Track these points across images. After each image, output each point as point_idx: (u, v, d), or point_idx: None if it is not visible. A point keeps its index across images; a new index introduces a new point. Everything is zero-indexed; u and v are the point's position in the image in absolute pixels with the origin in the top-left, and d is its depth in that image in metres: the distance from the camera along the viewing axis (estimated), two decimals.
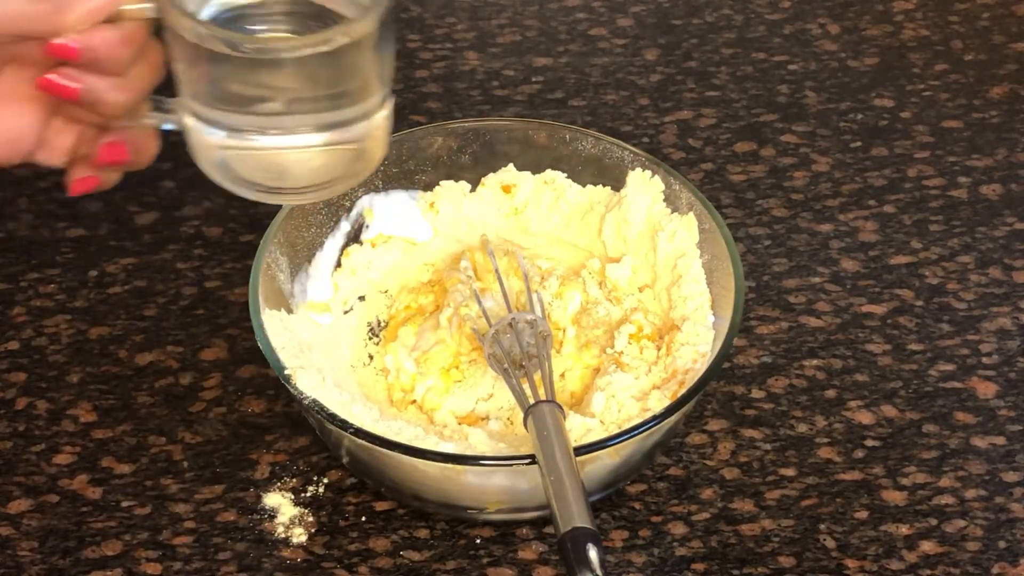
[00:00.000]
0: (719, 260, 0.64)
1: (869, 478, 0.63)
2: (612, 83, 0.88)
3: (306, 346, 0.62)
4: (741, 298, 0.61)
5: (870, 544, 0.60)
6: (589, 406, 0.61)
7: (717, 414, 0.66)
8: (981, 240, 0.76)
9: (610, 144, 0.70)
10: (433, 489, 0.58)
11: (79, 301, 0.72)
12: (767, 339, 0.70)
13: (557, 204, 0.71)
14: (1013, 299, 0.73)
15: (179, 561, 0.59)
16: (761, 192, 0.79)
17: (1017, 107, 0.87)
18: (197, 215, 0.77)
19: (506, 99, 0.86)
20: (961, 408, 0.67)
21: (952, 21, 0.95)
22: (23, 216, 0.77)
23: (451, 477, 0.57)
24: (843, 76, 0.89)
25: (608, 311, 0.66)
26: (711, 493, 0.62)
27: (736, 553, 0.60)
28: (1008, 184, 0.80)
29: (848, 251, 0.75)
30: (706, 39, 0.92)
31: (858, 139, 0.84)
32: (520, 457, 0.56)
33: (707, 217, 0.65)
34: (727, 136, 0.84)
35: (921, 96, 0.87)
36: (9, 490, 0.62)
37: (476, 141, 0.71)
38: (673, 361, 0.62)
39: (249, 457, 0.64)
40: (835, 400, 0.67)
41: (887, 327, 0.71)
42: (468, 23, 0.93)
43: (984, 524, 0.61)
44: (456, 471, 0.56)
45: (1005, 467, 0.64)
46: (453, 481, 0.57)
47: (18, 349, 0.69)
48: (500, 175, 0.71)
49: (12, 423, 0.66)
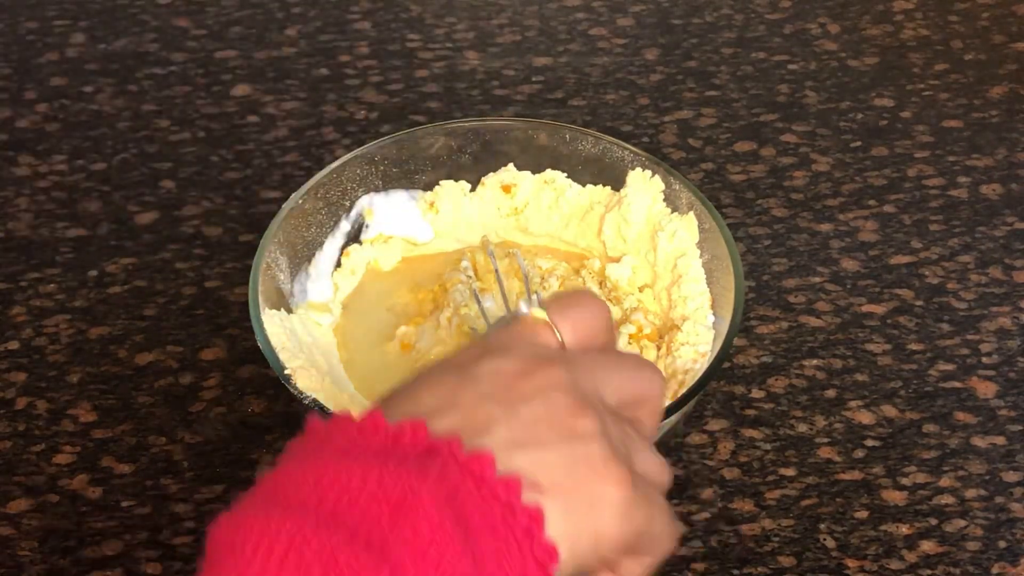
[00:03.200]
0: (719, 260, 0.64)
1: (869, 478, 0.63)
2: (612, 83, 0.88)
3: (306, 346, 0.62)
4: (741, 298, 0.61)
5: (870, 544, 0.60)
6: None
7: (717, 414, 0.66)
8: (981, 240, 0.76)
9: (610, 144, 0.70)
10: None
11: (79, 301, 0.72)
12: (767, 339, 0.70)
13: (557, 204, 0.71)
14: (1013, 299, 0.73)
15: (179, 561, 0.59)
16: (761, 192, 0.79)
17: (1017, 107, 0.87)
18: (197, 215, 0.77)
19: (506, 99, 0.86)
20: (961, 408, 0.67)
21: (952, 21, 0.94)
22: (23, 216, 0.77)
23: None
24: (843, 76, 0.89)
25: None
26: (711, 493, 0.62)
27: (736, 553, 0.60)
28: (1008, 184, 0.80)
29: (848, 251, 0.75)
30: (706, 39, 0.92)
31: (858, 139, 0.84)
32: None
33: (707, 217, 0.65)
34: (727, 136, 0.83)
35: (921, 96, 0.87)
36: (9, 490, 0.62)
37: (476, 141, 0.71)
38: (673, 361, 0.62)
39: (249, 457, 0.64)
40: (835, 400, 0.67)
41: (887, 327, 0.71)
42: (468, 23, 0.93)
43: (984, 524, 0.61)
44: None
45: (1005, 467, 0.64)
46: None
47: (18, 349, 0.69)
48: (500, 175, 0.71)
49: (12, 423, 0.66)
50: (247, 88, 0.86)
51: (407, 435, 0.39)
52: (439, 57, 0.90)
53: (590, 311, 0.47)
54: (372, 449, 0.39)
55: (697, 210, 0.66)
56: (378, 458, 0.38)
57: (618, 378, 0.46)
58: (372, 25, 0.92)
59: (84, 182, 0.79)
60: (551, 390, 0.42)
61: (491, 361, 0.43)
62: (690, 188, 0.66)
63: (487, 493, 0.38)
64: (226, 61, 0.89)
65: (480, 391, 0.42)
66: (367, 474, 0.37)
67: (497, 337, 0.46)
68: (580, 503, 0.41)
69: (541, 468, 0.40)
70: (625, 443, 0.44)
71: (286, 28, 0.92)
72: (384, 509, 0.37)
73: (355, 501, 0.37)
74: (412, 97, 0.86)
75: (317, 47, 0.90)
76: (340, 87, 0.87)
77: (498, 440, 0.40)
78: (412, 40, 0.91)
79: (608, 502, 0.41)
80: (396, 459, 0.38)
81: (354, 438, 0.39)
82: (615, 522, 0.42)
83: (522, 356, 0.44)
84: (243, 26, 0.92)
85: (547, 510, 0.39)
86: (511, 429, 0.41)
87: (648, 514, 0.43)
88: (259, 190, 0.79)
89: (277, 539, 0.35)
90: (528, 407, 0.42)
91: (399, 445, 0.39)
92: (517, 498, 0.39)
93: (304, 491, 0.37)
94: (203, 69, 0.88)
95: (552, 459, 0.41)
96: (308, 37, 0.91)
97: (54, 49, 0.90)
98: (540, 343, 0.46)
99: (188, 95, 0.86)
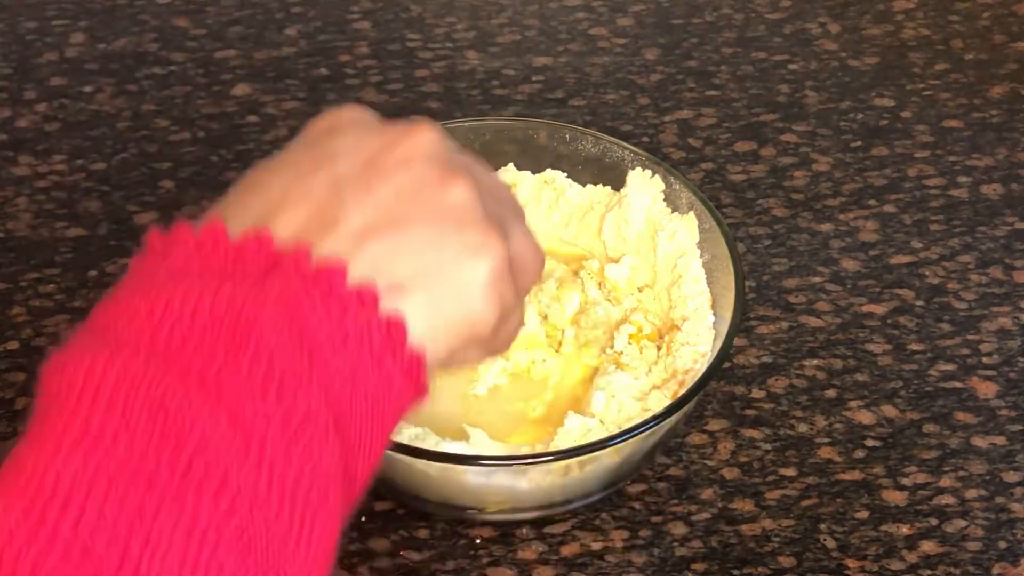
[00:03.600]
0: (719, 260, 0.64)
1: (869, 478, 0.63)
2: (612, 83, 0.88)
3: None
4: (741, 298, 0.61)
5: (870, 544, 0.60)
6: (589, 406, 0.61)
7: (717, 414, 0.66)
8: (981, 240, 0.76)
9: (610, 144, 0.70)
10: (433, 489, 0.58)
11: (79, 301, 0.72)
12: (767, 339, 0.70)
13: (557, 204, 0.71)
14: (1014, 299, 0.73)
15: None
16: (761, 192, 0.79)
17: (1018, 107, 0.86)
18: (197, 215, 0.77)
19: (506, 99, 0.86)
20: (961, 408, 0.67)
21: (952, 20, 0.94)
22: (23, 216, 0.77)
23: (451, 477, 0.57)
24: (843, 75, 0.89)
25: (607, 312, 0.66)
26: (711, 493, 0.62)
27: (736, 553, 0.60)
28: (1009, 184, 0.80)
29: (848, 251, 0.75)
30: (706, 38, 0.92)
31: (858, 139, 0.83)
32: (520, 457, 0.56)
33: (707, 217, 0.65)
34: (727, 136, 0.83)
35: (921, 96, 0.87)
36: None
37: (476, 141, 0.71)
38: (673, 361, 0.62)
39: None
40: (835, 400, 0.67)
41: (887, 327, 0.71)
42: (468, 23, 0.93)
43: (984, 524, 0.61)
44: (456, 471, 0.56)
45: (1005, 467, 0.64)
46: (453, 481, 0.57)
47: (18, 349, 0.69)
48: (500, 175, 0.71)
49: (12, 423, 0.66)
50: (247, 88, 0.86)
51: (251, 248, 0.36)
52: (439, 57, 0.90)
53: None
54: (212, 268, 0.36)
55: (697, 210, 0.66)
56: (216, 279, 0.35)
57: (487, 175, 0.43)
58: (372, 25, 0.92)
59: (84, 182, 0.79)
60: (417, 160, 0.39)
61: (344, 137, 0.40)
62: (690, 188, 0.66)
63: (336, 309, 0.35)
64: (226, 61, 0.89)
65: (335, 173, 0.38)
66: (200, 300, 0.34)
67: (351, 112, 0.42)
68: (447, 288, 0.38)
69: (401, 254, 0.37)
70: (501, 215, 0.41)
71: (286, 28, 0.92)
72: (219, 341, 0.34)
73: (188, 334, 0.34)
74: (412, 97, 0.86)
75: (317, 47, 0.90)
76: (340, 87, 0.87)
77: (352, 229, 0.37)
78: (412, 40, 0.91)
79: (478, 282, 0.39)
80: (236, 279, 0.35)
81: (192, 256, 0.36)
82: (485, 307, 0.39)
83: (380, 127, 0.41)
84: (243, 26, 0.92)
85: (410, 308, 0.37)
86: (365, 213, 0.38)
87: (515, 299, 0.41)
88: None
89: (103, 382, 0.33)
90: (387, 184, 0.38)
91: (242, 261, 0.36)
92: (374, 310, 0.36)
93: (137, 323, 0.34)
94: (203, 69, 0.88)
95: (414, 240, 0.38)
96: (308, 37, 0.91)
97: (54, 49, 0.90)
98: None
99: (188, 95, 0.86)
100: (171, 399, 0.33)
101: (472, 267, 0.39)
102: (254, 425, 0.33)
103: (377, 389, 0.36)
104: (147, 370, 0.33)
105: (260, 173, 0.40)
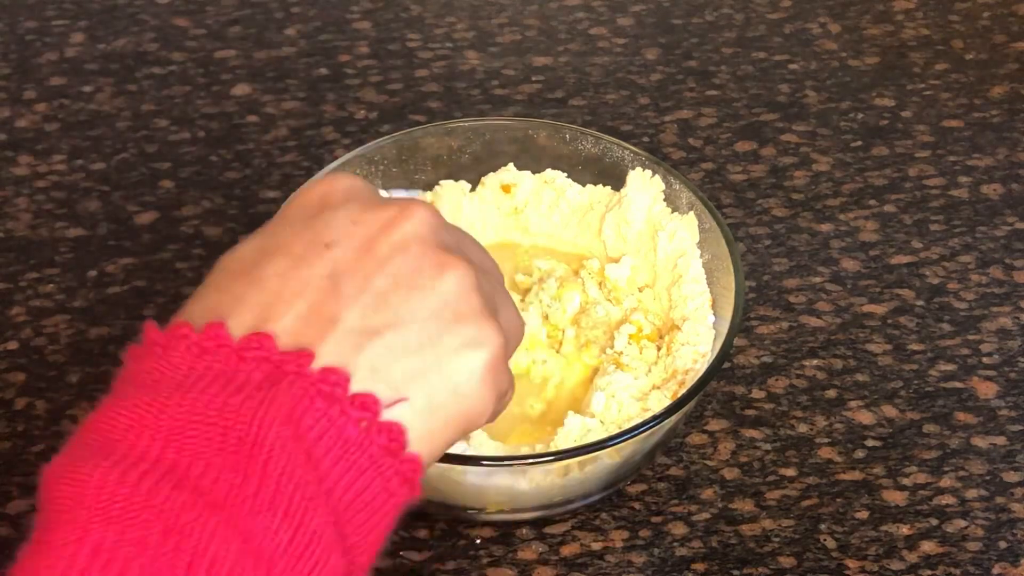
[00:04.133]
0: (719, 260, 0.64)
1: (869, 478, 0.63)
2: (612, 83, 0.88)
3: None
4: (741, 298, 0.61)
5: (870, 544, 0.60)
6: (589, 406, 0.61)
7: (717, 414, 0.66)
8: (982, 240, 0.76)
9: (610, 143, 0.70)
10: (433, 489, 0.58)
11: (78, 301, 0.72)
12: (767, 339, 0.70)
13: (557, 204, 0.71)
14: (1014, 299, 0.73)
15: None
16: (761, 192, 0.79)
17: (1018, 106, 0.86)
18: (196, 215, 0.77)
19: (506, 99, 0.86)
20: (962, 408, 0.67)
21: (953, 20, 0.94)
22: (23, 216, 0.77)
23: (451, 477, 0.57)
24: (843, 75, 0.89)
25: (607, 311, 0.66)
26: (711, 493, 0.62)
27: (736, 553, 0.60)
28: (1009, 184, 0.80)
29: (848, 251, 0.75)
30: (706, 38, 0.92)
31: (858, 139, 0.83)
32: (520, 457, 0.56)
33: (707, 217, 0.65)
34: (727, 136, 0.83)
35: (922, 95, 0.87)
36: (8, 490, 0.62)
37: (476, 141, 0.71)
38: (673, 361, 0.62)
39: None
40: (835, 400, 0.67)
41: (887, 327, 0.71)
42: (468, 23, 0.93)
43: (985, 524, 0.61)
44: (456, 471, 0.56)
45: (1006, 467, 0.64)
46: (453, 481, 0.57)
47: (17, 349, 0.69)
48: (500, 175, 0.71)
49: (12, 423, 0.66)
50: (247, 88, 0.86)
51: (253, 353, 0.36)
52: (439, 57, 0.90)
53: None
54: (215, 373, 0.36)
55: (697, 210, 0.66)
56: (222, 391, 0.35)
57: (471, 243, 0.43)
58: (372, 25, 0.92)
59: (83, 182, 0.79)
60: (412, 244, 0.39)
61: (337, 217, 0.39)
62: (690, 188, 0.66)
63: (339, 418, 0.36)
64: (226, 61, 0.89)
65: (333, 262, 0.38)
66: (208, 416, 0.34)
67: (334, 182, 0.42)
68: (446, 385, 0.38)
69: (400, 355, 0.37)
70: (491, 294, 0.41)
71: (286, 28, 0.92)
72: (229, 462, 0.34)
73: (199, 454, 0.34)
74: (412, 97, 0.86)
75: (317, 47, 0.90)
76: (340, 87, 0.87)
77: (351, 327, 0.37)
78: (412, 40, 0.91)
79: (476, 376, 0.39)
80: (241, 388, 0.35)
81: (195, 361, 0.36)
82: (482, 400, 0.39)
83: (373, 204, 0.40)
84: (243, 26, 0.92)
85: (409, 415, 0.37)
86: (364, 308, 0.37)
87: (509, 380, 0.41)
88: (259, 190, 0.79)
89: (114, 497, 0.33)
90: (384, 273, 0.38)
91: (245, 366, 0.36)
92: (375, 418, 0.36)
93: (146, 439, 0.34)
94: (203, 69, 0.88)
95: (413, 339, 0.38)
96: (308, 37, 0.91)
97: (53, 49, 0.90)
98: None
99: (188, 95, 0.86)
100: (185, 519, 0.33)
101: (469, 361, 0.39)
102: (263, 545, 0.34)
103: (376, 495, 0.37)
104: (159, 489, 0.33)
105: (254, 255, 0.39)
